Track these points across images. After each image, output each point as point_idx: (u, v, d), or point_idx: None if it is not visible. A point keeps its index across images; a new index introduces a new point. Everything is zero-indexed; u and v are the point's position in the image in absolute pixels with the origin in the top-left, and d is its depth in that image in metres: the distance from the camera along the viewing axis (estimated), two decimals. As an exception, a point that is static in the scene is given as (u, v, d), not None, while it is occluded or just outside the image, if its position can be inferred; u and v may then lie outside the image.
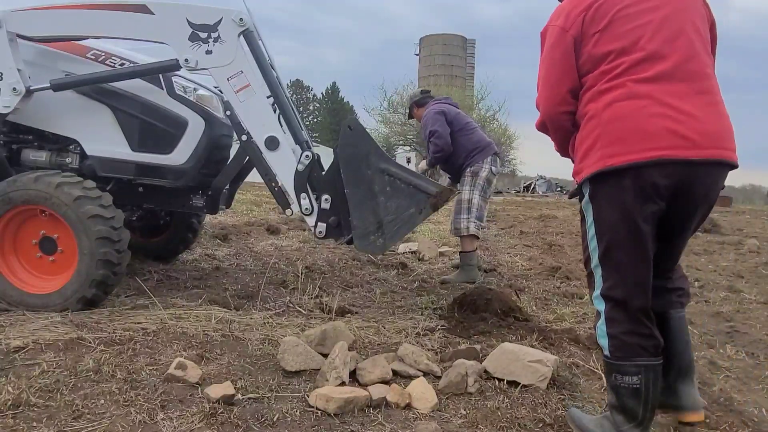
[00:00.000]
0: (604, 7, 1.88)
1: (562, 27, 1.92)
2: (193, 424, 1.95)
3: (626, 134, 1.79)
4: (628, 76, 1.83)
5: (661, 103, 1.79)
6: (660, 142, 1.77)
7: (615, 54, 1.85)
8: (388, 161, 3.07)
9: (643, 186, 1.79)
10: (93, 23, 3.16)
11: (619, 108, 1.82)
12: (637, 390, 1.85)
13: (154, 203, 3.81)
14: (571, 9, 1.92)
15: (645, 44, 1.83)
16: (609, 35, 1.86)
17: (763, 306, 4.42)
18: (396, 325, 3.21)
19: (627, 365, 1.86)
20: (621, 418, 1.89)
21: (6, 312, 3.05)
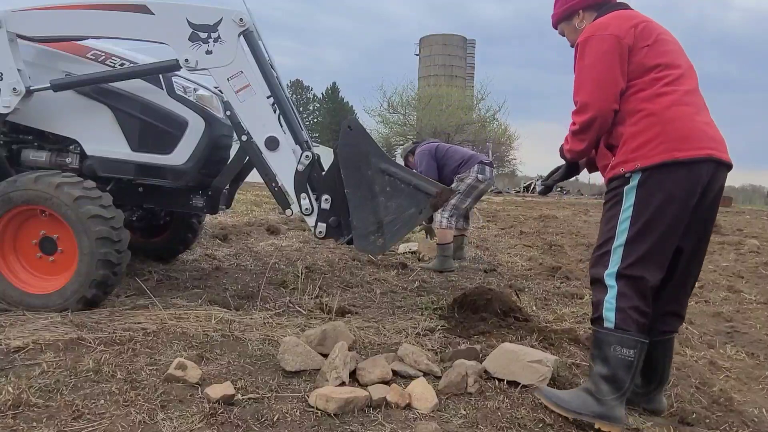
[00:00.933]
0: (648, 27, 2.23)
1: (618, 35, 2.18)
2: (193, 424, 1.95)
3: (688, 133, 2.09)
4: (677, 86, 2.15)
5: (699, 111, 2.17)
6: (709, 143, 2.11)
7: (662, 67, 2.17)
8: (388, 161, 3.07)
9: (694, 179, 2.08)
10: (93, 23, 3.16)
11: (678, 111, 2.11)
12: (631, 362, 2.06)
13: (154, 203, 3.80)
14: (621, 22, 2.22)
15: (680, 64, 2.22)
16: (656, 51, 2.19)
17: (763, 306, 4.42)
18: (396, 325, 3.21)
19: (628, 339, 2.06)
20: (607, 388, 2.08)
21: (6, 312, 3.05)
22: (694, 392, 2.53)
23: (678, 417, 2.29)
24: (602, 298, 2.12)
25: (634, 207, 2.09)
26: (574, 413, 2.11)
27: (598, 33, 2.21)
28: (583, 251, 7.22)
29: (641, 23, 2.21)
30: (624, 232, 2.10)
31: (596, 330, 2.16)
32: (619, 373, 2.06)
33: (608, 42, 2.17)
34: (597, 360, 2.13)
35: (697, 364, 2.91)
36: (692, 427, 2.22)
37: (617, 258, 2.10)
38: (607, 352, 2.08)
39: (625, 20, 2.22)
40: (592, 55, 2.20)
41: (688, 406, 2.36)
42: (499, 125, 39.43)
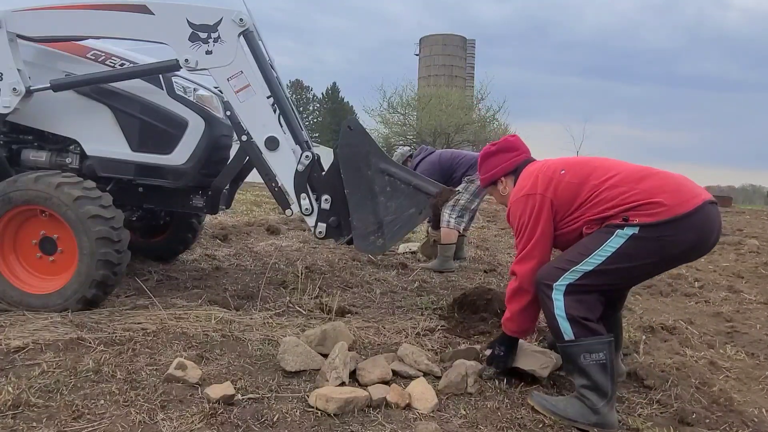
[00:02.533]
0: (552, 165, 2.45)
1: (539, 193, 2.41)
2: (193, 424, 1.95)
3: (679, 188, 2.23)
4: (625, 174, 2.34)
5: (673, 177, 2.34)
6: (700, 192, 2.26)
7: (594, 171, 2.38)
8: (388, 161, 3.07)
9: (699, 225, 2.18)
10: (93, 23, 3.16)
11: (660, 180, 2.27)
12: (604, 364, 2.14)
13: (154, 203, 3.80)
14: (534, 180, 2.41)
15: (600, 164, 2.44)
16: (576, 170, 2.37)
17: (763, 306, 4.42)
18: (396, 325, 3.21)
19: (593, 343, 2.15)
20: (595, 396, 2.14)
21: (6, 312, 3.05)
22: (694, 392, 2.52)
23: (678, 417, 2.29)
24: (551, 310, 2.22)
25: (617, 251, 2.15)
26: (571, 421, 2.16)
27: (520, 194, 2.37)
28: (583, 251, 7.21)
29: (544, 166, 2.41)
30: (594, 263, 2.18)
31: (560, 345, 2.24)
32: (597, 378, 2.14)
33: (532, 200, 2.32)
34: (575, 374, 2.22)
35: (697, 364, 2.91)
36: (692, 427, 2.22)
37: (573, 277, 2.20)
38: (579, 362, 2.17)
39: (533, 175, 2.39)
40: (531, 217, 2.32)
41: (688, 406, 2.36)
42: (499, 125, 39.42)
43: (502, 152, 2.65)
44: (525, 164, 2.57)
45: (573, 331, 2.17)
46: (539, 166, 2.46)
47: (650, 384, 2.57)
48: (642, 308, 4.10)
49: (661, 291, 4.75)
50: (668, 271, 5.62)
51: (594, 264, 2.18)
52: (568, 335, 2.18)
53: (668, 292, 4.73)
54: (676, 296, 4.65)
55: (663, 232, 2.11)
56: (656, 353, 3.05)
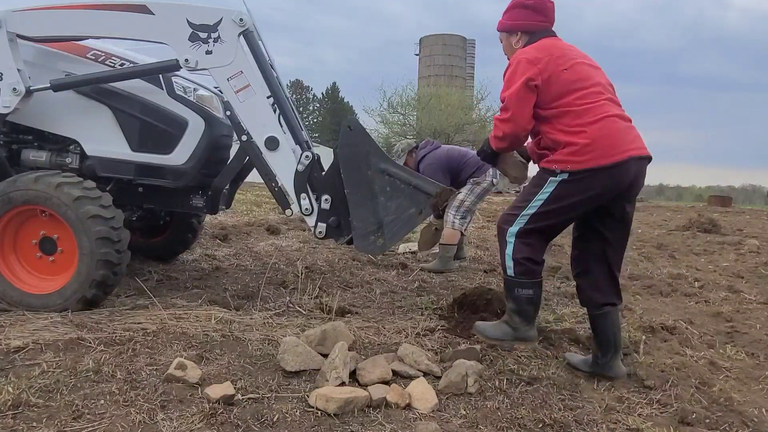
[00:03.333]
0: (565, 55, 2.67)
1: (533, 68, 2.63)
2: (193, 424, 1.95)
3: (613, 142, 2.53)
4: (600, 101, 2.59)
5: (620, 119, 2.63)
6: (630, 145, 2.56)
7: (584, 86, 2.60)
8: (388, 161, 3.07)
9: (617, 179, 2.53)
10: (93, 23, 3.16)
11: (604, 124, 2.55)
12: (530, 297, 2.64)
13: (154, 203, 3.80)
14: (541, 54, 2.62)
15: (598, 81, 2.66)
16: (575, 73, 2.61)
17: (763, 306, 4.42)
18: (396, 325, 3.21)
19: (525, 281, 2.63)
20: (518, 318, 2.66)
21: (6, 312, 3.05)
22: (694, 392, 2.52)
23: (678, 417, 2.28)
24: (503, 251, 2.66)
25: (550, 195, 2.55)
26: (497, 340, 2.70)
27: (523, 57, 2.60)
28: (583, 251, 7.21)
29: (557, 50, 2.62)
30: (535, 207, 2.59)
31: (505, 278, 2.70)
32: (524, 307, 2.64)
33: (524, 73, 2.56)
34: (509, 299, 2.70)
35: (697, 364, 2.91)
36: (692, 427, 2.22)
37: (522, 222, 2.61)
38: (513, 293, 2.66)
39: (544, 50, 2.62)
40: (515, 80, 2.59)
41: (688, 406, 2.36)
42: (499, 125, 39.38)
43: (532, 10, 2.76)
44: (544, 33, 2.74)
45: (514, 270, 2.61)
46: (552, 46, 2.66)
47: (650, 384, 2.57)
48: (642, 308, 4.10)
49: (661, 291, 4.75)
50: (668, 270, 5.63)
51: (536, 207, 2.58)
52: (510, 272, 2.63)
53: (668, 292, 4.73)
54: (676, 296, 4.64)
55: (587, 180, 2.49)
56: (656, 353, 3.05)
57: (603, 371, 2.65)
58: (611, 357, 2.65)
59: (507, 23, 2.82)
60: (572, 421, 2.19)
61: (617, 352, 2.66)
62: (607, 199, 2.54)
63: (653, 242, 8.28)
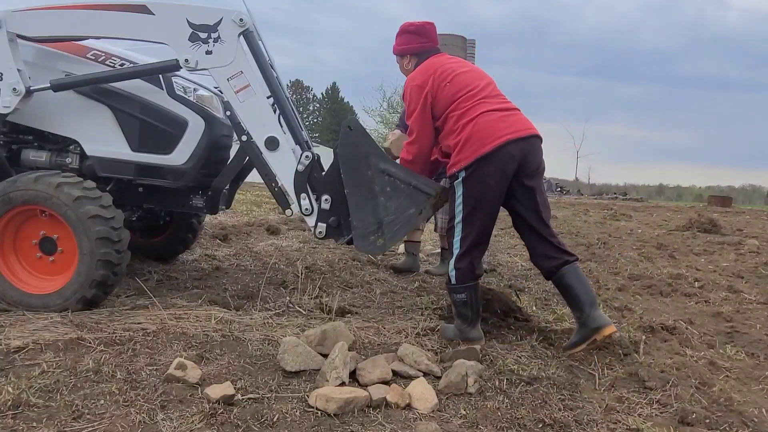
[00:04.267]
0: (445, 69, 3.09)
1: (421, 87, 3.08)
2: (193, 424, 1.95)
3: (487, 133, 2.88)
4: (478, 101, 2.94)
5: (496, 112, 2.96)
6: (503, 131, 2.87)
7: (465, 92, 3.00)
8: (388, 161, 3.07)
9: (503, 163, 2.85)
10: (93, 23, 3.16)
11: (481, 120, 2.89)
12: (465, 301, 2.95)
13: (154, 203, 3.80)
14: (424, 75, 3.09)
15: (478, 83, 3.03)
16: (455, 84, 2.99)
17: (763, 306, 4.42)
18: (396, 325, 3.21)
19: (459, 287, 2.95)
20: (459, 320, 2.98)
21: (6, 312, 3.05)
22: (694, 392, 2.52)
23: (678, 417, 2.28)
24: (450, 260, 2.98)
25: (463, 196, 2.87)
26: (450, 339, 2.97)
27: (414, 85, 3.01)
28: (583, 251, 7.21)
29: (439, 68, 3.00)
30: (460, 213, 2.91)
31: (446, 285, 3.06)
32: (461, 309, 2.97)
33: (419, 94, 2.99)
34: (452, 304, 3.05)
35: (697, 364, 2.91)
36: (692, 427, 2.22)
37: (458, 230, 2.93)
38: (452, 298, 3.02)
39: (428, 71, 3.02)
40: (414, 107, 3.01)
41: (688, 406, 2.36)
42: (499, 125, 39.39)
43: (416, 35, 3.22)
44: (430, 53, 3.19)
45: (455, 278, 2.94)
46: (435, 64, 3.06)
47: (650, 384, 2.57)
48: (642, 308, 4.10)
49: (661, 291, 4.75)
50: (668, 270, 5.63)
51: (460, 213, 2.90)
52: (453, 281, 2.95)
53: (668, 292, 4.73)
54: (676, 296, 4.64)
55: (477, 171, 2.81)
56: (656, 353, 3.05)
57: (589, 325, 2.84)
58: (590, 310, 2.84)
59: (397, 48, 3.31)
60: (572, 421, 2.19)
61: (593, 304, 2.88)
62: (504, 182, 2.84)
63: (653, 242, 8.28)
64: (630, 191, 56.66)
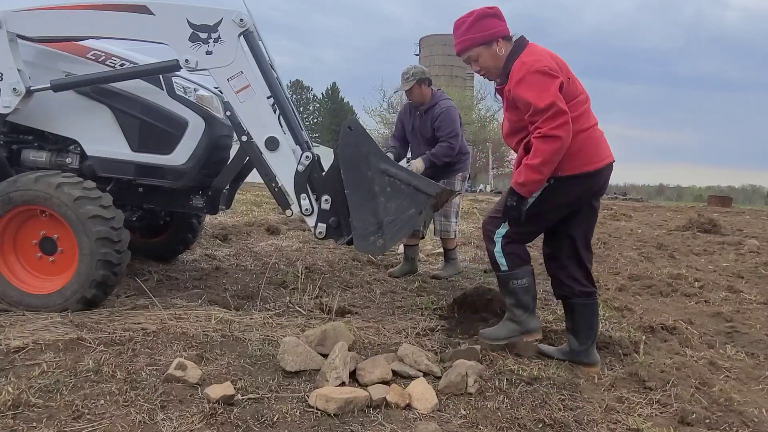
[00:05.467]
0: (564, 64, 2.72)
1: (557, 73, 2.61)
2: (193, 424, 1.95)
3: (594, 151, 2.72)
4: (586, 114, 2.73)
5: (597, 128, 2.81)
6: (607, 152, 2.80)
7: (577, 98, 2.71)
8: (388, 162, 3.06)
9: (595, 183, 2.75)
10: (93, 23, 3.16)
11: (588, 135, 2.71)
12: (527, 287, 2.77)
13: (154, 203, 3.80)
14: (553, 60, 2.66)
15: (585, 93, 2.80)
16: (573, 85, 2.70)
17: (763, 306, 4.42)
18: (396, 325, 3.21)
19: (519, 272, 2.76)
20: (519, 311, 2.77)
21: (6, 312, 3.05)
22: (694, 392, 2.52)
23: (678, 417, 2.28)
24: (492, 249, 2.80)
25: (540, 198, 2.68)
26: (506, 339, 2.77)
27: (543, 67, 2.55)
28: (583, 251, 7.21)
29: (558, 60, 2.69)
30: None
31: (497, 275, 2.84)
32: (521, 297, 2.77)
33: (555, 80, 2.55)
34: (505, 295, 2.83)
35: (697, 364, 2.91)
36: (692, 427, 2.22)
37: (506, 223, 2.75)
38: (509, 286, 2.78)
39: (551, 56, 2.67)
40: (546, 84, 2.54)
41: (688, 406, 2.36)
42: (499, 125, 39.51)
43: (497, 18, 2.75)
44: (517, 38, 2.75)
45: (507, 264, 2.76)
46: (543, 49, 2.71)
47: (650, 384, 2.57)
48: (642, 308, 4.10)
49: (661, 291, 4.75)
50: (668, 270, 5.63)
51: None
52: (504, 267, 2.76)
53: (668, 292, 4.73)
54: (676, 296, 4.64)
55: (563, 185, 2.65)
56: (656, 353, 3.05)
57: (581, 359, 2.78)
58: (590, 344, 2.79)
59: (484, 35, 2.71)
60: (572, 421, 2.19)
61: (595, 339, 2.84)
62: (583, 201, 2.74)
63: (653, 242, 8.28)
64: (630, 191, 56.71)
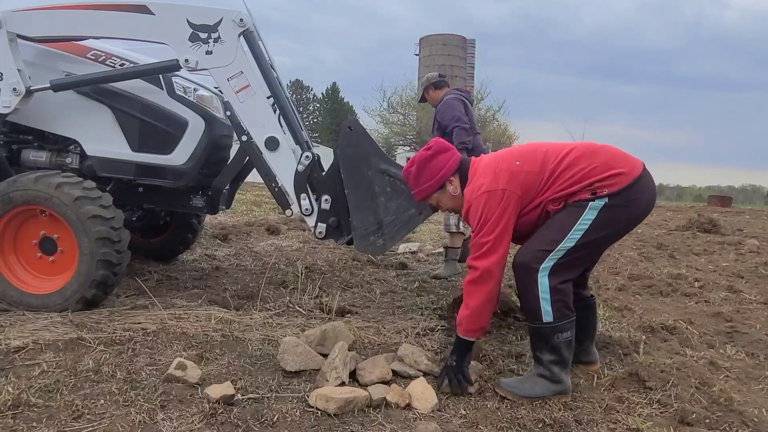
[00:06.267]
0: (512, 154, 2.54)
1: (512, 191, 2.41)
2: (193, 424, 1.95)
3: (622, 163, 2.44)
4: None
5: None
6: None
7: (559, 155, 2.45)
8: (388, 162, 3.07)
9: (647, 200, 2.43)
10: (93, 23, 3.16)
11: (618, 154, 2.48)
12: (570, 341, 2.40)
13: (154, 203, 3.80)
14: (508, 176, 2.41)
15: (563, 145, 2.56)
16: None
17: (763, 306, 4.42)
18: (396, 325, 3.21)
19: (566, 324, 2.37)
20: (558, 368, 2.37)
21: (6, 312, 3.05)
22: (694, 392, 2.52)
23: (678, 417, 2.28)
24: (534, 293, 2.34)
25: (593, 222, 2.32)
26: (539, 397, 2.35)
27: (482, 192, 2.38)
28: (583, 251, 7.21)
29: (495, 161, 2.47)
30: (574, 239, 2.32)
31: (538, 326, 2.37)
32: (564, 353, 2.39)
33: (498, 196, 2.36)
34: (544, 351, 2.39)
35: (697, 364, 2.91)
36: (692, 427, 2.22)
37: (558, 256, 2.33)
38: (552, 341, 2.37)
39: (488, 170, 2.44)
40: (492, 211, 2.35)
41: (688, 406, 2.36)
42: (499, 125, 39.42)
43: (440, 153, 2.57)
44: (463, 162, 2.60)
45: (553, 314, 2.33)
46: (489, 161, 2.52)
47: (650, 384, 2.57)
48: (642, 308, 4.10)
49: (661, 291, 4.75)
50: (668, 270, 5.63)
51: (575, 239, 2.32)
52: (548, 317, 2.33)
53: (668, 292, 4.73)
54: (676, 296, 4.64)
55: (628, 196, 2.32)
56: (656, 353, 3.05)
57: (581, 357, 2.73)
58: (588, 345, 2.76)
59: (435, 180, 2.56)
60: (572, 421, 2.19)
61: (593, 339, 2.79)
62: (644, 217, 2.47)
63: (653, 242, 8.28)
64: (630, 191, 56.46)
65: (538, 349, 2.42)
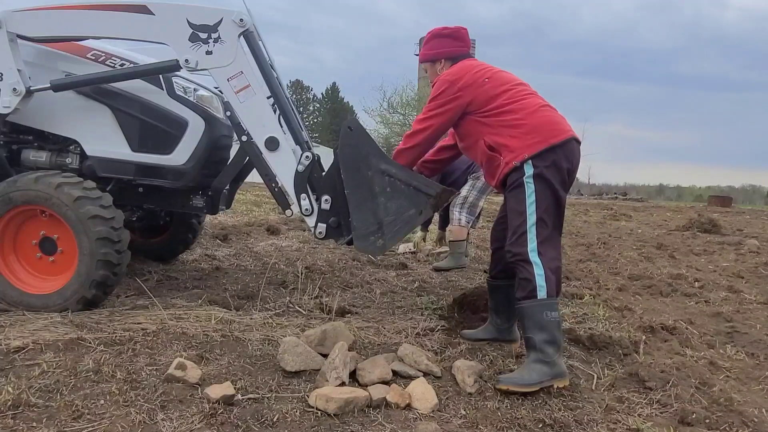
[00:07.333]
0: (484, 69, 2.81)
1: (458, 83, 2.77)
2: (193, 424, 1.95)
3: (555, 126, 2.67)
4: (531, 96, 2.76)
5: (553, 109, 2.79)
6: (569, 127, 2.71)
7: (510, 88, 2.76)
8: (389, 162, 3.06)
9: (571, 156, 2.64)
10: (93, 23, 3.16)
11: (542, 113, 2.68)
12: (559, 322, 2.49)
13: (155, 203, 3.80)
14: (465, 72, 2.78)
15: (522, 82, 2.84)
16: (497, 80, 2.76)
17: (763, 306, 4.42)
18: (396, 325, 3.21)
19: (554, 303, 2.46)
20: (551, 349, 2.41)
21: (6, 312, 3.05)
22: (694, 392, 2.52)
23: (678, 417, 2.29)
24: (533, 273, 2.46)
25: (536, 192, 2.51)
26: (537, 384, 2.36)
27: (445, 79, 2.74)
28: (583, 251, 7.22)
29: (475, 66, 2.78)
30: (533, 213, 2.51)
31: (530, 304, 2.46)
32: (555, 333, 2.44)
33: (452, 90, 2.70)
34: (535, 330, 2.45)
35: (697, 364, 2.91)
36: (692, 427, 2.22)
37: (535, 234, 2.50)
38: (541, 319, 2.43)
39: (461, 68, 2.78)
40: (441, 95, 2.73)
41: (688, 406, 2.36)
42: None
43: (451, 38, 2.97)
44: (463, 57, 2.94)
45: (547, 291, 2.44)
46: (472, 65, 2.82)
47: (650, 384, 2.57)
48: (642, 308, 4.10)
49: (661, 291, 4.75)
50: (668, 270, 5.63)
51: (534, 213, 2.50)
52: (542, 293, 2.43)
53: (668, 292, 4.73)
54: (676, 296, 4.65)
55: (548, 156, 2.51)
56: (656, 353, 3.05)
57: (504, 336, 2.90)
58: (513, 323, 2.89)
59: (429, 53, 3.03)
60: (572, 421, 2.19)
61: (515, 318, 2.84)
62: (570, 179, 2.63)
63: (653, 242, 8.28)
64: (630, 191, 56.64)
65: (529, 329, 2.49)
